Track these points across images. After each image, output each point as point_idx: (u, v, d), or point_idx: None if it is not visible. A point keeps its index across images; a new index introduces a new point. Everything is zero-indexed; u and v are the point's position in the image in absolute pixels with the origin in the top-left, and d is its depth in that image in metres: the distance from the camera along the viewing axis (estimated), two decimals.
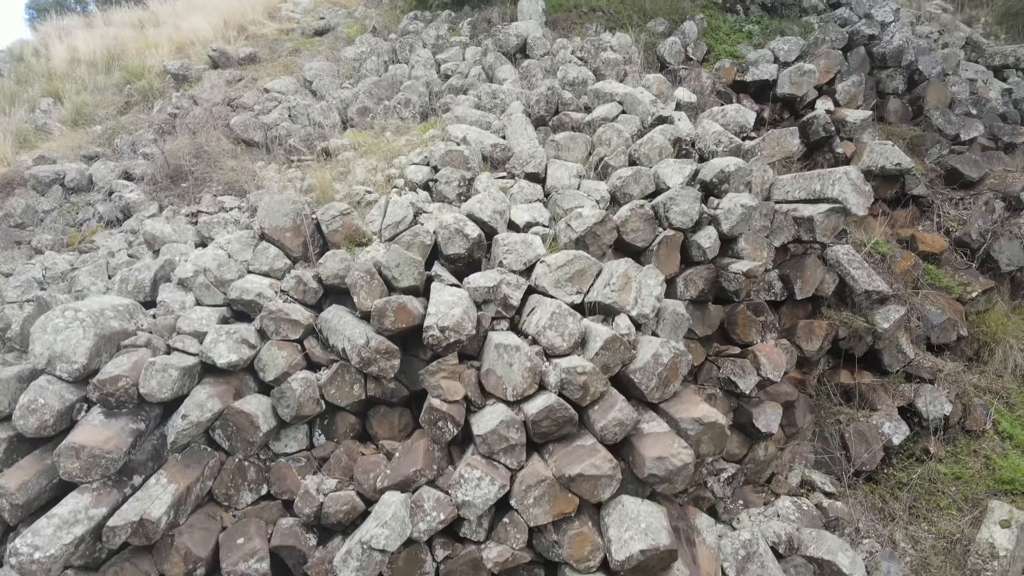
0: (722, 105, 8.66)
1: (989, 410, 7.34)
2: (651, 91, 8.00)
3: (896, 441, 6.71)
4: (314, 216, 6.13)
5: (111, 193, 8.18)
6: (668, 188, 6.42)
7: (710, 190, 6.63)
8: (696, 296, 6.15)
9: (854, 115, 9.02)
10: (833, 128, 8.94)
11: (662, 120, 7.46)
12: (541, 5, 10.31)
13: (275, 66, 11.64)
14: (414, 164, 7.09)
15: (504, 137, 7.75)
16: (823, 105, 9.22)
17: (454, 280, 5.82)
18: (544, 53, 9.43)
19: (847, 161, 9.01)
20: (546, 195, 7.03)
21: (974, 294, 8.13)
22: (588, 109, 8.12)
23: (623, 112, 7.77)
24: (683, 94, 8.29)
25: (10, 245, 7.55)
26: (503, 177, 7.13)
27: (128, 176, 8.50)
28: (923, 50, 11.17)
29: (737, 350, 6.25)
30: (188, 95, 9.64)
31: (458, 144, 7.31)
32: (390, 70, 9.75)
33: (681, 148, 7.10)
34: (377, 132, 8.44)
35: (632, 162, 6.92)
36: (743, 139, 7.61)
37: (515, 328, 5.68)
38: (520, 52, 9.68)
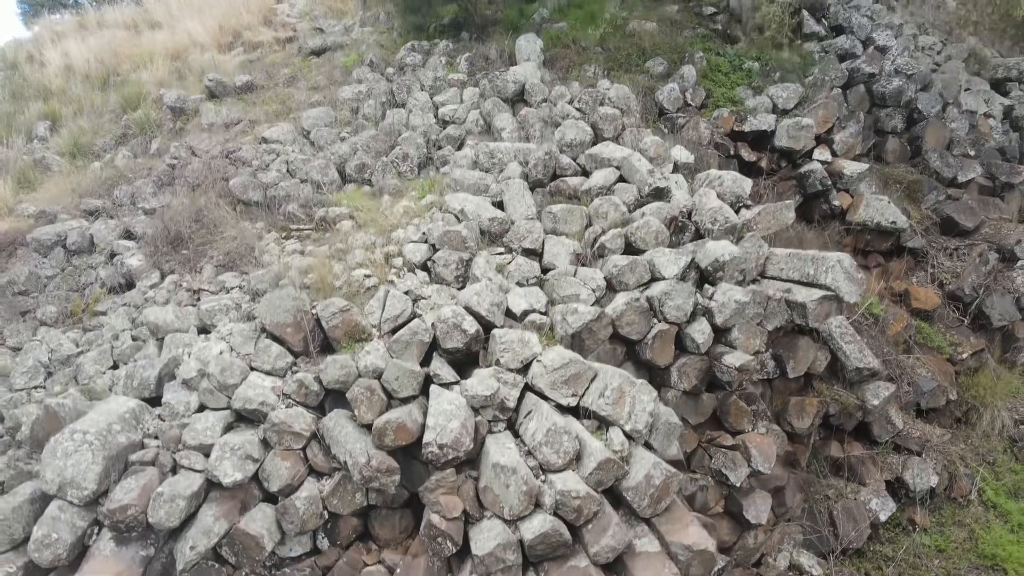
0: (719, 168, 8.73)
1: (975, 478, 7.53)
2: (648, 154, 8.01)
3: (883, 517, 6.92)
4: (314, 312, 6.22)
5: (112, 256, 8.26)
6: (663, 277, 6.51)
7: (705, 276, 6.72)
8: (690, 389, 6.28)
9: (851, 167, 9.04)
10: (830, 182, 8.98)
11: (659, 193, 7.51)
12: (539, 44, 10.23)
13: (272, 97, 11.57)
14: (412, 242, 7.16)
15: (502, 203, 7.80)
16: (821, 155, 9.24)
17: (453, 376, 5.95)
18: (542, 100, 9.39)
19: (843, 213, 9.08)
20: (543, 271, 7.14)
21: (964, 355, 8.27)
22: (586, 171, 8.15)
23: (620, 179, 7.80)
24: (680, 153, 8.31)
25: (15, 317, 7.66)
26: (501, 253, 7.20)
27: (129, 234, 8.56)
28: (922, 77, 11.10)
29: (729, 439, 6.41)
30: (186, 145, 9.62)
31: (457, 219, 7.39)
32: (388, 116, 9.72)
33: (677, 224, 7.15)
34: (375, 192, 8.47)
35: (628, 244, 6.99)
36: (739, 209, 7.65)
37: (511, 426, 5.85)
38: (518, 97, 9.64)
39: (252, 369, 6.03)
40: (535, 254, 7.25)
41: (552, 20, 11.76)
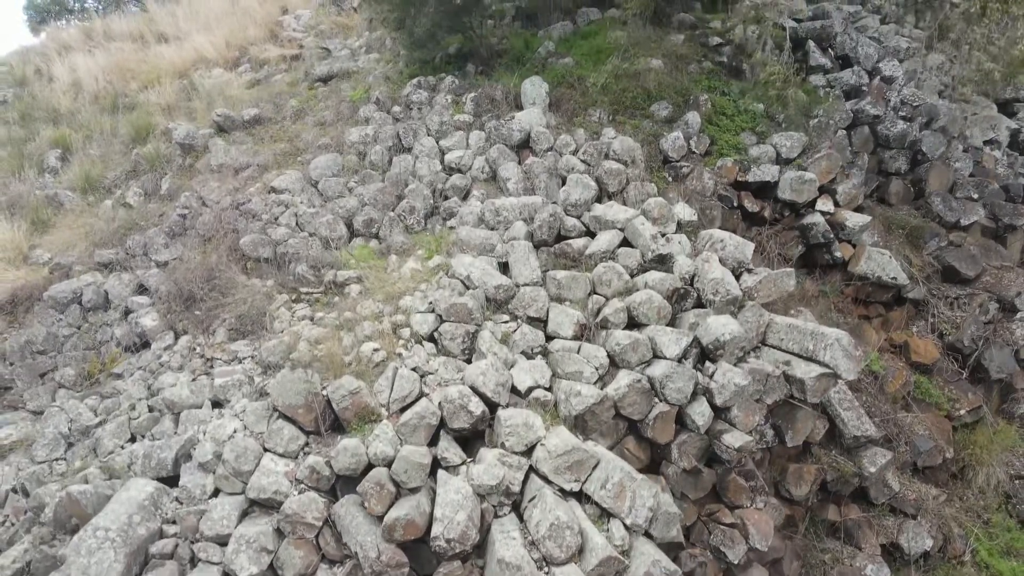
0: (723, 220, 8.85)
1: (968, 539, 7.71)
2: (652, 215, 8.11)
3: None
4: (324, 393, 6.41)
5: (127, 312, 8.47)
6: (664, 356, 6.66)
7: (706, 354, 6.87)
8: (689, 468, 6.47)
9: (854, 219, 9.12)
10: (832, 235, 9.07)
11: (662, 259, 7.64)
12: (544, 88, 10.27)
13: (280, 133, 11.67)
14: (420, 312, 7.32)
15: (507, 264, 7.95)
16: (823, 205, 9.31)
17: (459, 456, 6.19)
18: (547, 149, 9.48)
19: (845, 264, 9.18)
20: (548, 338, 7.31)
21: (962, 411, 8.41)
22: (591, 231, 8.27)
23: (624, 242, 7.93)
24: (683, 211, 8.41)
25: (34, 379, 7.88)
26: (506, 321, 7.37)
27: (142, 288, 8.76)
28: (928, 109, 11.14)
29: (728, 515, 6.60)
30: (197, 194, 9.75)
31: (464, 285, 7.56)
32: (394, 164, 9.81)
33: (678, 295, 7.29)
34: (383, 249, 8.62)
35: (631, 318, 7.13)
36: (740, 274, 7.76)
37: (516, 508, 6.05)
38: (524, 143, 9.71)
39: (266, 450, 6.25)
40: (540, 321, 7.41)
41: (558, 54, 11.78)
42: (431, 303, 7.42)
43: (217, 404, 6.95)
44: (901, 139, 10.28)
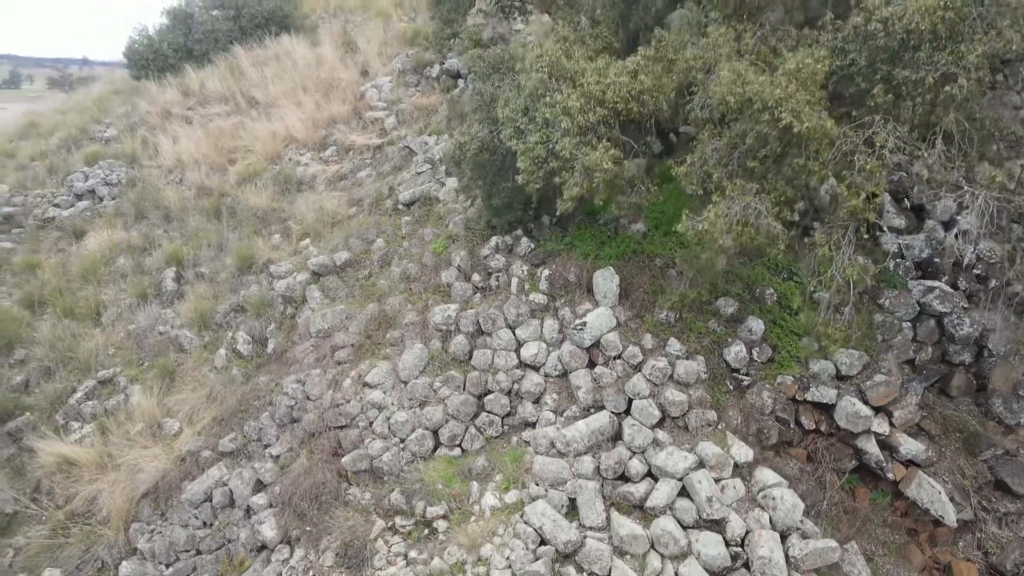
0: (778, 436, 9.53)
1: None
2: (709, 462, 8.89)
3: None
4: None
5: (249, 512, 9.96)
6: None
7: None
8: None
9: (907, 446, 9.60)
10: (885, 463, 9.60)
11: (715, 523, 8.49)
12: (615, 281, 10.85)
13: (370, 287, 12.68)
14: (498, 570, 8.46)
15: (574, 500, 8.98)
16: (879, 426, 9.78)
17: None
18: (616, 356, 10.22)
19: (896, 484, 9.74)
20: None
21: None
22: (652, 475, 9.13)
23: (681, 491, 8.79)
24: (739, 453, 9.13)
25: None
26: None
27: (260, 484, 10.22)
28: (998, 271, 11.19)
29: None
30: (302, 388, 10.99)
31: (537, 535, 8.61)
32: (475, 357, 10.75)
33: (728, 570, 8.17)
34: (464, 471, 9.72)
35: None
36: (789, 535, 8.52)
37: None
38: (595, 343, 10.46)
39: None
40: None
41: (630, 214, 12.22)
42: (508, 560, 8.54)
43: None
44: (967, 340, 10.48)
